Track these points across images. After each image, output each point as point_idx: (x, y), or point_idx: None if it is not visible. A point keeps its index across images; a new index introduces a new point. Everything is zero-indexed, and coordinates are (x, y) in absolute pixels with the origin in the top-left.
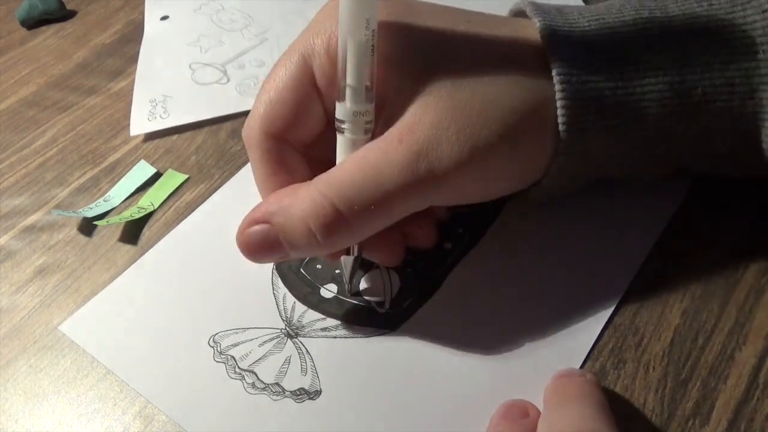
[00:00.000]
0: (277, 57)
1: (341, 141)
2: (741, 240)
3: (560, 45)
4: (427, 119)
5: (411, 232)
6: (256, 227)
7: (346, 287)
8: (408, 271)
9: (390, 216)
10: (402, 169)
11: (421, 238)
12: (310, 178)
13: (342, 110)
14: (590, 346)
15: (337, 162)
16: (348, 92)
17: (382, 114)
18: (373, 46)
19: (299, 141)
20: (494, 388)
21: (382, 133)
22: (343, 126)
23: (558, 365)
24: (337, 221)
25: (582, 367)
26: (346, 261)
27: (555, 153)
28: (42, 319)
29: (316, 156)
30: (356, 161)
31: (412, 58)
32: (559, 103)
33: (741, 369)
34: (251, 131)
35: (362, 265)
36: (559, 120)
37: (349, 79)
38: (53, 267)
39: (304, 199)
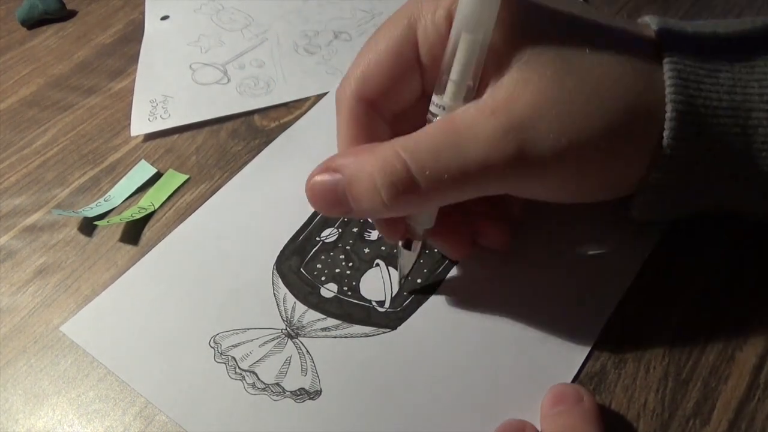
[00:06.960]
0: (277, 57)
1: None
2: (741, 240)
3: (675, 38)
4: (527, 96)
5: (483, 230)
6: (326, 176)
7: (399, 281)
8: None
9: (463, 191)
10: (488, 141)
11: (492, 236)
12: None
13: (438, 102)
14: (590, 346)
15: None
16: (449, 87)
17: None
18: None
19: (390, 110)
20: (494, 387)
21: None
22: (434, 119)
23: (558, 365)
24: (405, 182)
25: (582, 366)
26: (405, 253)
27: (653, 163)
28: (42, 319)
29: (404, 129)
30: (440, 125)
31: (516, 16)
32: (669, 107)
33: (741, 369)
34: (344, 91)
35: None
36: (666, 125)
37: (453, 75)
38: (53, 267)
39: (378, 155)
